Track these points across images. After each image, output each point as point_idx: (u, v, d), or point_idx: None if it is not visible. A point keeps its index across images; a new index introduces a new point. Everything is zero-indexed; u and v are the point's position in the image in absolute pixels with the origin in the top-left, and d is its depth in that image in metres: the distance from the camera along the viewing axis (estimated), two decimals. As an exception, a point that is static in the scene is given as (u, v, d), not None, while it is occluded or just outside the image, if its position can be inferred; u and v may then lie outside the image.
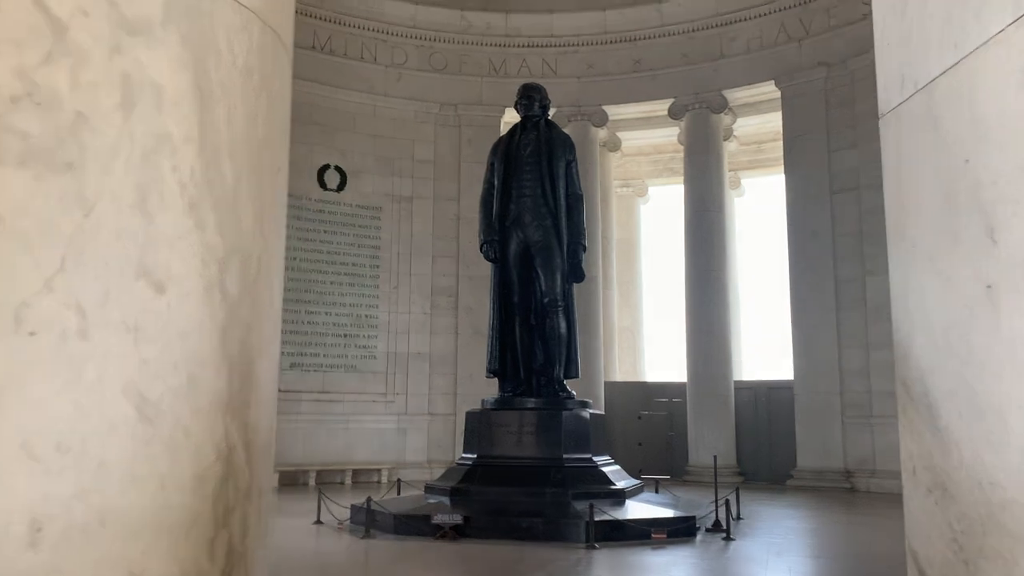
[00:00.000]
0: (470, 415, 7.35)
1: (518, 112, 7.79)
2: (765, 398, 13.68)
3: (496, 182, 7.57)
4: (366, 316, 13.41)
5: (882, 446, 11.84)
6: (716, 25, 13.72)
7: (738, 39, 13.60)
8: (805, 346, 12.70)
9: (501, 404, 7.32)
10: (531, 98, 7.70)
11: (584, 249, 7.50)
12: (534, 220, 7.41)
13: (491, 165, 7.69)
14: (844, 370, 12.36)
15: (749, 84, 13.59)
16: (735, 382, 13.62)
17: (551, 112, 7.98)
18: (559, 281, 7.35)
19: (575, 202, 7.50)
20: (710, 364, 13.23)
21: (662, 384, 15.00)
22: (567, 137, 7.70)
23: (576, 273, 7.43)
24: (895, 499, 2.89)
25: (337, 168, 13.48)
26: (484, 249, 7.55)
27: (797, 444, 12.68)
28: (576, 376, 7.58)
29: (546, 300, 7.32)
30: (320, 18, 13.49)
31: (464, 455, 7.30)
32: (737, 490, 7.78)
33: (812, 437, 12.51)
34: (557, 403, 7.20)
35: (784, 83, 13.21)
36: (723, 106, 13.79)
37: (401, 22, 13.97)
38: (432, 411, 13.49)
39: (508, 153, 7.60)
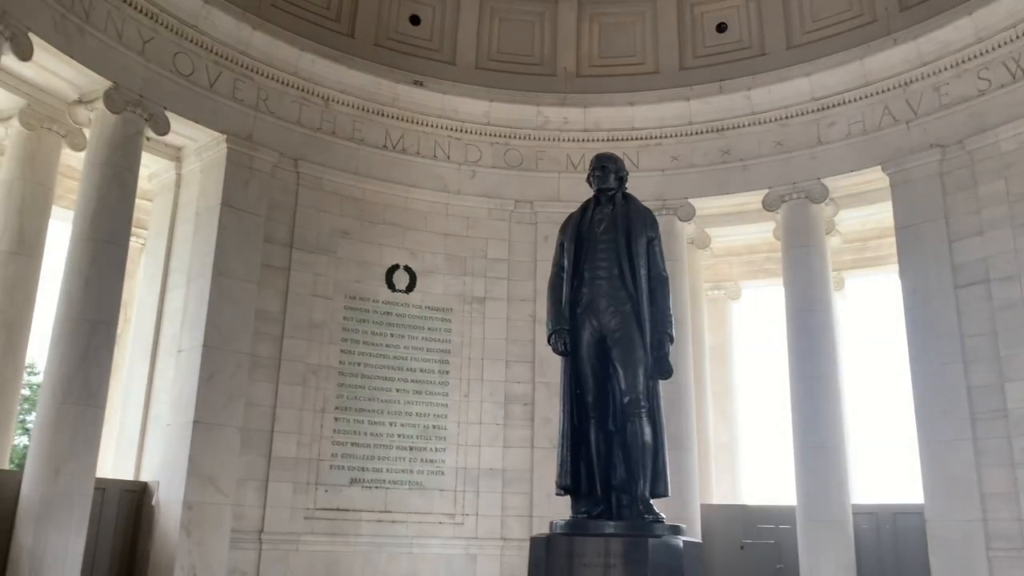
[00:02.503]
0: (535, 542, 6.04)
1: (591, 186, 6.81)
2: (890, 525, 11.80)
3: (566, 264, 6.51)
4: (434, 427, 12.32)
5: (1041, 586, 9.84)
6: (812, 111, 12.69)
7: (837, 124, 12.50)
8: (935, 465, 10.91)
9: (572, 528, 6.00)
10: (605, 168, 6.71)
11: (671, 340, 6.28)
12: (611, 306, 6.28)
13: (560, 245, 6.66)
14: (986, 494, 10.49)
15: (852, 171, 12.37)
16: (853, 506, 11.80)
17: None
18: (642, 378, 6.12)
19: (659, 285, 6.34)
20: (824, 485, 11.51)
21: (766, 508, 13.20)
22: (648, 211, 6.63)
23: (662, 368, 6.18)
24: None
25: (407, 268, 12.74)
26: (552, 340, 6.41)
27: (933, 582, 10.73)
28: (665, 495, 6.22)
29: (626, 400, 6.09)
30: (393, 117, 13.10)
31: (528, 592, 5.98)
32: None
33: (951, 573, 10.55)
34: (642, 528, 5.84)
35: (892, 168, 11.95)
36: (823, 195, 12.57)
37: (475, 119, 13.46)
38: (506, 535, 12.10)
39: (580, 231, 6.57)
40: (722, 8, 13.78)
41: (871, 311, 15.45)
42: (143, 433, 11.28)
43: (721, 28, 13.81)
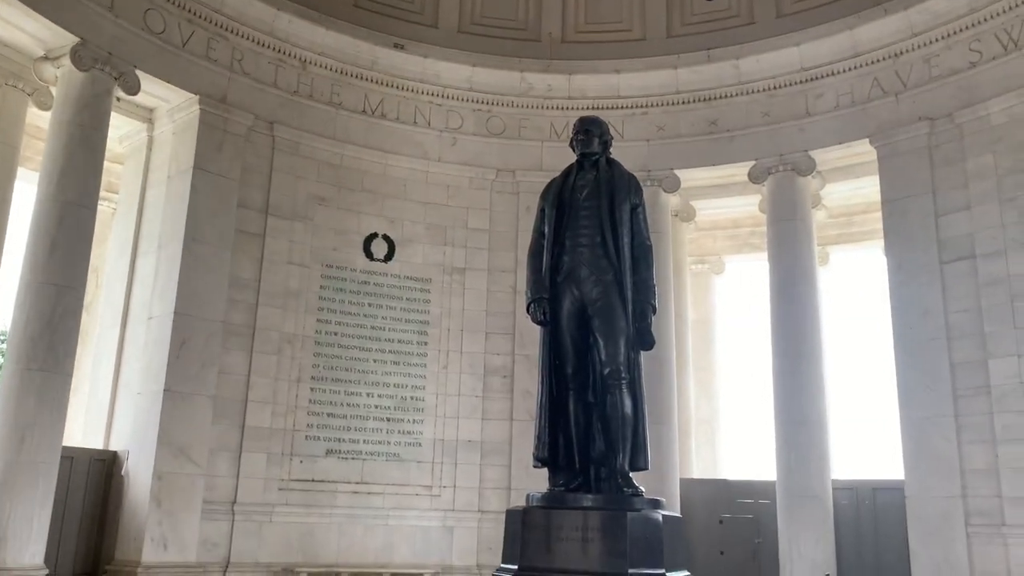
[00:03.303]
0: (511, 515, 5.86)
1: (574, 150, 6.54)
2: (870, 501, 11.76)
3: (547, 231, 6.25)
4: (412, 398, 12.12)
5: (1019, 562, 9.82)
6: (800, 81, 12.47)
7: (825, 95, 12.29)
8: (917, 441, 10.84)
9: (550, 502, 5.80)
10: (589, 132, 6.43)
11: (654, 310, 6.06)
12: (592, 274, 6.03)
13: (542, 211, 6.39)
14: (966, 470, 10.44)
15: (840, 143, 12.18)
16: (833, 481, 11.74)
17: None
18: (623, 348, 5.89)
19: (642, 254, 6.10)
20: (804, 460, 11.44)
21: (747, 483, 13.14)
22: (633, 177, 6.38)
23: (644, 339, 5.95)
24: None
25: (385, 237, 12.47)
26: (532, 309, 6.16)
27: (911, 557, 10.71)
28: (645, 468, 6.03)
29: (607, 371, 5.87)
30: (372, 80, 12.76)
31: (502, 566, 5.80)
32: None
33: (930, 549, 10.53)
34: (622, 501, 5.66)
35: (880, 141, 11.77)
36: (810, 168, 12.39)
37: (457, 85, 13.13)
38: (483, 508, 11.96)
39: (562, 197, 6.30)
40: (711, -26, 13.48)
41: (856, 286, 15.32)
42: (113, 401, 11.01)
43: (710, -5, 13.51)
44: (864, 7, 11.94)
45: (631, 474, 5.90)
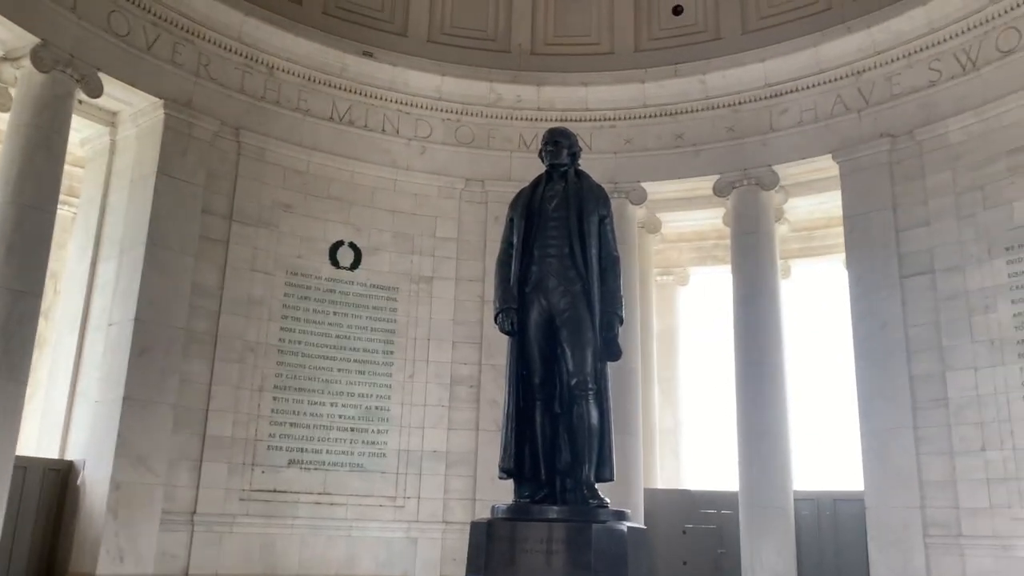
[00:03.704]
0: (476, 526, 5.84)
1: (543, 161, 6.57)
2: (830, 512, 11.89)
3: (516, 240, 6.28)
4: (376, 408, 12.02)
5: (975, 572, 10.00)
6: (765, 97, 12.63)
7: (789, 111, 12.48)
8: (877, 452, 11.00)
9: (515, 513, 5.80)
10: (558, 143, 6.47)
11: (621, 321, 6.10)
12: (560, 285, 6.06)
13: (510, 221, 6.43)
14: (925, 481, 10.61)
15: (803, 159, 12.37)
16: (795, 492, 11.86)
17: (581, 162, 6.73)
18: (590, 359, 5.92)
19: (610, 265, 6.15)
20: (766, 471, 11.54)
21: (710, 493, 13.22)
22: (601, 189, 6.43)
23: (611, 350, 5.99)
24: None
25: (351, 245, 12.38)
26: (499, 319, 6.17)
27: (871, 566, 10.85)
28: (610, 479, 6.06)
29: (574, 382, 5.89)
30: (340, 88, 12.68)
31: (468, 577, 5.78)
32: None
33: (889, 559, 10.68)
34: (587, 513, 5.67)
35: (842, 157, 11.97)
36: (774, 182, 12.55)
37: (426, 94, 13.10)
38: (448, 519, 11.88)
39: (530, 207, 6.33)
40: (678, -10, 13.63)
41: (817, 299, 15.52)
42: (70, 409, 10.77)
43: (677, 11, 13.67)
44: (828, 25, 12.15)
45: (597, 485, 5.92)
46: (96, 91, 10.51)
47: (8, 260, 9.37)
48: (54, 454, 10.62)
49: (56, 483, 10.30)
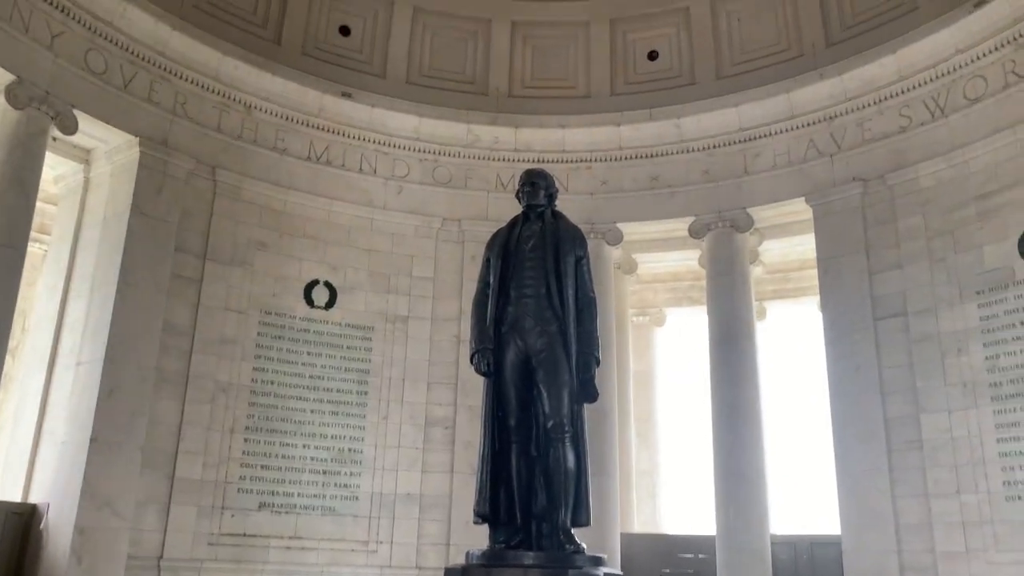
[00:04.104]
0: (450, 573, 5.71)
1: (520, 201, 6.58)
2: (808, 556, 11.84)
3: (492, 281, 6.25)
4: (349, 450, 11.85)
5: (952, 617, 9.94)
6: (739, 141, 12.80)
7: (763, 155, 12.64)
8: (853, 495, 10.97)
9: (489, 559, 5.68)
10: (535, 184, 6.48)
11: (598, 362, 6.07)
12: (536, 325, 6.02)
13: (487, 261, 6.40)
14: (901, 525, 10.58)
15: (777, 202, 12.51)
16: (772, 535, 11.78)
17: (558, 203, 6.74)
18: (566, 401, 5.86)
19: (586, 306, 6.13)
20: (743, 514, 11.47)
21: (687, 537, 13.11)
22: (577, 229, 6.44)
23: (587, 391, 5.94)
24: None
25: (327, 284, 12.29)
26: (475, 360, 6.11)
27: (848, 612, 10.74)
28: (587, 524, 5.97)
29: (550, 424, 5.82)
30: (318, 127, 12.70)
31: (441, 626, 5.65)
32: None
33: (866, 604, 10.59)
34: (563, 559, 5.58)
35: (815, 200, 12.12)
36: (748, 224, 12.67)
37: (404, 134, 13.15)
38: (421, 564, 11.67)
39: (507, 247, 6.31)
40: (654, 37, 13.86)
41: (792, 341, 15.61)
42: (35, 451, 10.50)
43: (652, 56, 13.88)
44: (801, 72, 12.39)
45: (573, 530, 5.83)
46: (71, 128, 10.44)
47: (-25, 298, 9.19)
48: (17, 497, 10.32)
49: (18, 527, 9.99)
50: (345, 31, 13.38)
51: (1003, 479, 9.87)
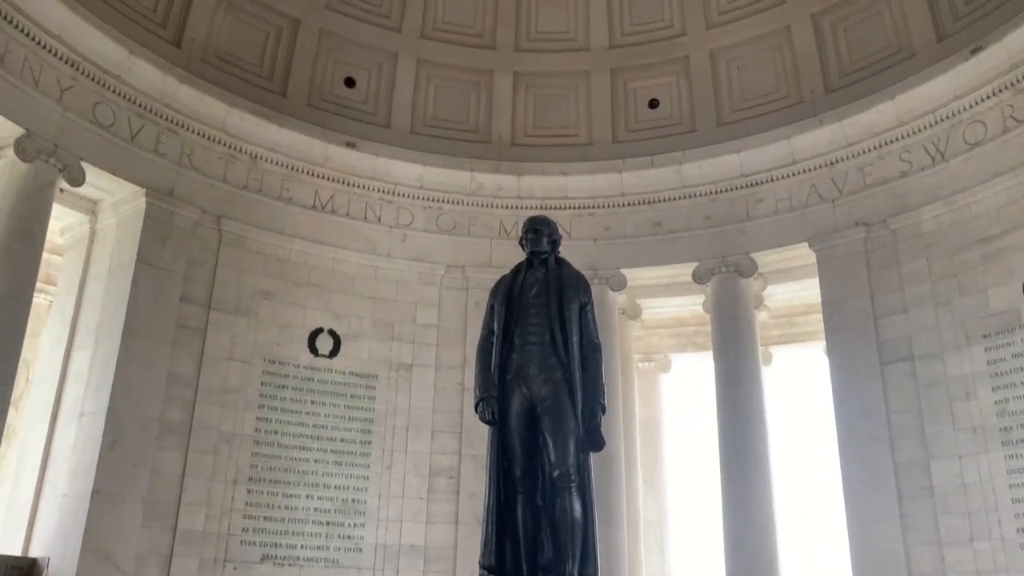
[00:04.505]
0: (456, 626, 5.63)
1: (523, 248, 6.61)
2: (820, 606, 11.58)
3: (496, 328, 6.24)
4: (353, 501, 11.71)
5: (970, 670, 9.69)
6: (741, 187, 12.86)
7: (765, 200, 12.70)
8: (864, 542, 10.79)
9: (496, 612, 5.61)
10: (539, 231, 6.53)
11: (603, 410, 6.02)
12: (541, 372, 6.01)
13: (491, 308, 6.40)
14: (914, 573, 10.37)
15: (780, 247, 12.52)
16: (783, 585, 11.57)
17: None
18: (573, 450, 5.81)
19: (592, 352, 6.11)
20: (753, 563, 11.27)
21: (696, 587, 12.88)
22: (581, 276, 6.45)
23: (594, 440, 5.89)
24: None
25: (331, 332, 12.28)
26: (480, 408, 6.09)
27: (863, 665, 10.49)
28: None
29: (556, 474, 5.77)
30: (323, 177, 12.81)
31: None
32: None
33: (881, 657, 10.34)
34: (570, 612, 5.48)
35: (818, 245, 12.13)
36: (752, 270, 12.67)
37: (408, 183, 13.26)
38: (426, 616, 11.46)
39: (511, 294, 6.32)
40: (654, 85, 14.03)
41: (799, 386, 15.50)
42: (36, 503, 10.40)
43: (653, 104, 14.03)
44: (801, 117, 12.52)
45: (580, 582, 5.73)
46: (78, 180, 10.54)
47: (-21, 349, 9.19)
48: (17, 551, 10.20)
49: (17, 582, 9.87)
50: (350, 83, 13.57)
51: (1017, 526, 9.71)
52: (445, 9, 13.92)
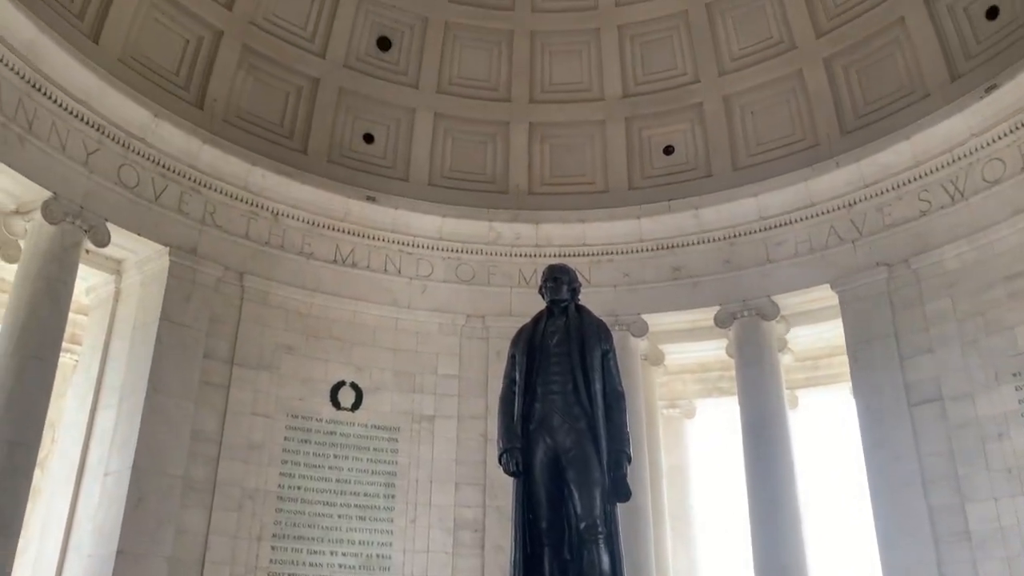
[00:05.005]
0: None
1: (543, 297, 6.60)
2: (858, 657, 11.23)
3: (518, 377, 6.20)
4: (377, 556, 11.58)
5: None
6: (760, 230, 12.86)
7: (785, 243, 12.66)
8: (901, 590, 10.50)
9: (525, 670, 5.48)
10: (558, 280, 6.52)
11: (629, 459, 5.94)
12: (564, 422, 5.94)
13: (512, 358, 6.38)
14: (955, 621, 10.07)
15: (801, 289, 12.45)
16: (818, 636, 11.25)
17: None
18: (599, 500, 5.72)
19: (615, 400, 6.05)
20: (787, 613, 10.99)
21: (729, 639, 12.55)
22: (602, 323, 6.42)
23: (620, 490, 5.79)
24: None
25: (353, 385, 12.29)
26: (504, 460, 6.01)
27: None
28: (624, 630, 5.75)
29: (583, 526, 5.67)
30: (344, 231, 12.96)
31: None
32: None
33: None
34: (601, 669, 5.35)
35: (840, 286, 12.05)
36: (775, 313, 12.59)
37: (427, 234, 13.37)
38: (454, 675, 11.23)
39: (532, 343, 6.29)
40: (669, 132, 14.13)
41: (826, 429, 15.25)
42: (61, 564, 10.38)
43: (668, 151, 14.13)
44: (817, 160, 12.56)
45: (610, 637, 5.60)
46: (103, 241, 10.71)
47: (7, 411, 9.26)
48: (42, 613, 10.15)
49: (42, 645, 9.79)
50: (369, 138, 13.79)
51: (1059, 570, 9.43)
52: (461, 64, 14.17)
